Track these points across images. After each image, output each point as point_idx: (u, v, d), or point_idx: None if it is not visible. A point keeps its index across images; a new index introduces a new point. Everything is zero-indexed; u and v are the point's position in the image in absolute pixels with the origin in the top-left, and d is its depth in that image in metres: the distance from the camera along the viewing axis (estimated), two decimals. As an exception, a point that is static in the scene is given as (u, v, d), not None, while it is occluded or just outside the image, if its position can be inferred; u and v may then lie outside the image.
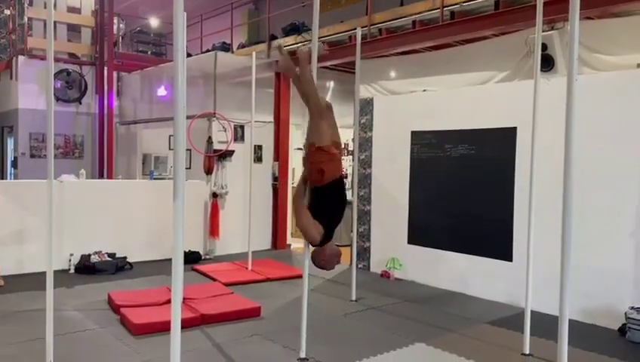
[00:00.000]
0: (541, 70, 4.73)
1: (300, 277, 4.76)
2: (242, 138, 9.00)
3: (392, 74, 7.86)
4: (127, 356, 4.28)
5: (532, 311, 4.52)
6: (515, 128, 6.05)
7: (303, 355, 4.27)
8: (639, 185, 5.13)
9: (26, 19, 10.81)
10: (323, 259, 4.03)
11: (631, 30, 5.41)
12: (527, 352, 4.47)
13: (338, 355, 4.37)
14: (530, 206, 4.48)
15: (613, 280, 5.26)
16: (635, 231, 5.16)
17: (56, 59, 10.37)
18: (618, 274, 5.24)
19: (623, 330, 5.02)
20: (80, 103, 11.33)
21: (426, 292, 6.67)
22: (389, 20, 7.38)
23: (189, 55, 8.87)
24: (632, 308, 4.96)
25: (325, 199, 3.95)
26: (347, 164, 10.69)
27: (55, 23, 10.15)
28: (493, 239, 6.29)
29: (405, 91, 7.55)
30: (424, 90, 7.29)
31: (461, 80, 6.92)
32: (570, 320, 3.14)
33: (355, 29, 6.60)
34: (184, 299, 5.43)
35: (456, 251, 6.68)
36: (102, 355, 4.28)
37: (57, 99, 10.69)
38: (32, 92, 10.41)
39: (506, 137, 6.13)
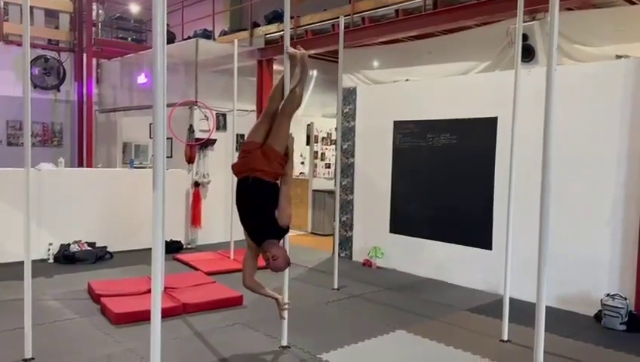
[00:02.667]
0: (522, 60, 4.76)
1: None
2: (224, 127, 8.94)
3: (375, 63, 7.87)
4: (108, 345, 4.26)
5: (510, 299, 4.59)
6: (495, 118, 6.11)
7: (284, 343, 4.29)
8: (615, 174, 5.23)
9: (2, 3, 10.57)
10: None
11: (610, 21, 5.47)
12: (506, 338, 4.55)
13: (320, 343, 4.40)
14: (509, 195, 4.54)
15: (590, 268, 5.37)
16: (610, 220, 5.26)
17: (34, 46, 10.17)
18: (594, 262, 5.35)
19: (598, 317, 5.13)
20: (58, 90, 11.15)
21: (407, 280, 6.73)
22: (372, 9, 7.36)
23: (169, 42, 8.76)
24: (608, 295, 5.07)
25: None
26: (330, 154, 10.72)
27: (32, 7, 9.94)
28: (474, 228, 6.37)
29: (388, 81, 7.57)
30: (407, 80, 7.31)
31: (443, 70, 6.96)
32: (547, 307, 3.20)
33: (339, 17, 6.58)
34: (165, 288, 5.41)
35: (437, 240, 6.75)
36: (82, 345, 4.25)
37: (35, 86, 10.51)
38: (9, 79, 10.18)
39: (487, 127, 6.18)
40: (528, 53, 5.77)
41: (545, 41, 5.62)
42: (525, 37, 5.59)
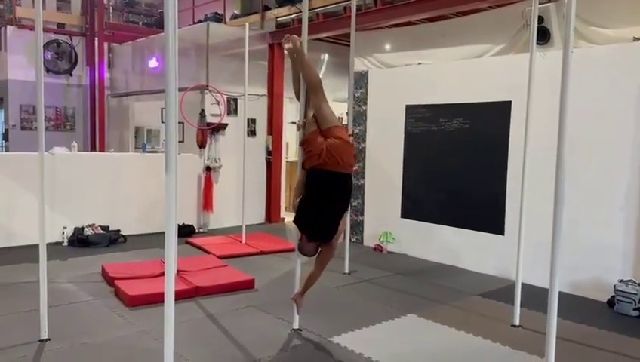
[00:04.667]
0: (537, 43, 4.68)
1: (293, 250, 4.78)
2: (235, 111, 8.93)
3: (387, 46, 7.79)
4: (122, 327, 4.32)
5: (522, 284, 4.57)
6: (509, 102, 6.03)
7: (296, 326, 4.33)
8: (631, 159, 5.16)
9: (14, -13, 10.59)
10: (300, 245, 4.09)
11: (628, 3, 5.37)
12: (517, 323, 4.55)
13: (330, 326, 4.42)
14: (522, 180, 4.50)
15: (603, 254, 5.33)
16: (624, 206, 5.20)
17: (46, 30, 10.19)
18: (608, 248, 5.30)
19: (611, 302, 5.11)
20: (71, 75, 11.19)
21: (418, 265, 6.73)
22: (385, -9, 7.28)
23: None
24: (621, 280, 5.04)
25: (323, 190, 3.85)
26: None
27: (43, -9, 9.92)
28: (486, 213, 6.33)
29: (400, 64, 7.49)
30: (419, 64, 7.23)
31: (456, 53, 6.87)
32: (559, 293, 3.18)
33: None
34: (178, 271, 5.46)
35: (449, 225, 6.73)
36: (96, 326, 4.31)
37: (47, 70, 10.56)
38: (22, 63, 10.25)
39: (501, 111, 6.11)
40: (543, 36, 5.68)
41: (561, 23, 5.52)
42: (541, 19, 5.50)
